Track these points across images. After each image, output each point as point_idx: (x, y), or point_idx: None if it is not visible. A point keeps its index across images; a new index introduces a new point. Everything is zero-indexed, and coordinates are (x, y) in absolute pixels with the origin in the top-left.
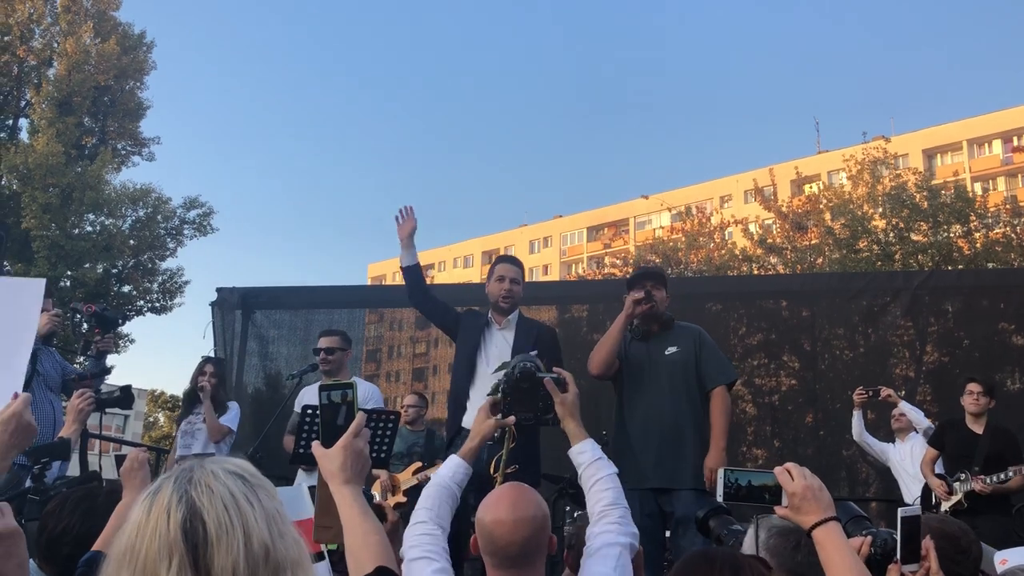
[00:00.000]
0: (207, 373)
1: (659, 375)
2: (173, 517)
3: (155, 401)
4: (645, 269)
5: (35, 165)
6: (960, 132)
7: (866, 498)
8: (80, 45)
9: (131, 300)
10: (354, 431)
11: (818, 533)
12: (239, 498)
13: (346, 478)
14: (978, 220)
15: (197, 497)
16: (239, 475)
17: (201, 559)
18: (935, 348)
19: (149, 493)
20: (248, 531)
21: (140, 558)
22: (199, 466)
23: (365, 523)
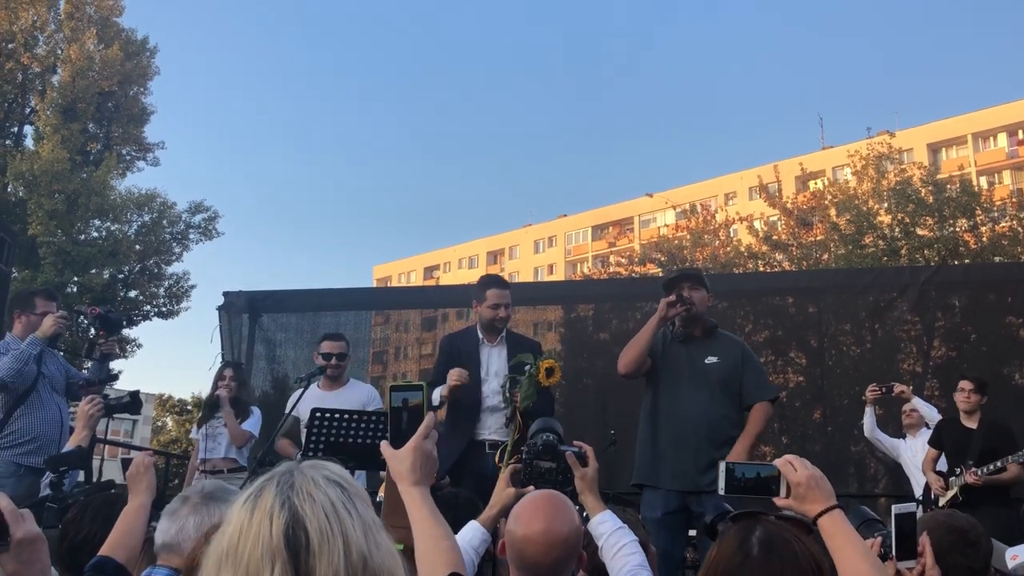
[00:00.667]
0: (226, 378)
1: (698, 381)
2: (276, 523)
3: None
4: (682, 270)
5: (41, 172)
6: (965, 126)
7: (875, 494)
8: (84, 51)
9: (138, 305)
10: (424, 433)
11: (824, 521)
12: (339, 507)
13: (415, 479)
14: (984, 214)
15: (300, 505)
16: (338, 483)
17: (303, 567)
18: (942, 343)
19: (251, 496)
20: (348, 541)
21: (243, 561)
22: (299, 472)
23: (436, 527)
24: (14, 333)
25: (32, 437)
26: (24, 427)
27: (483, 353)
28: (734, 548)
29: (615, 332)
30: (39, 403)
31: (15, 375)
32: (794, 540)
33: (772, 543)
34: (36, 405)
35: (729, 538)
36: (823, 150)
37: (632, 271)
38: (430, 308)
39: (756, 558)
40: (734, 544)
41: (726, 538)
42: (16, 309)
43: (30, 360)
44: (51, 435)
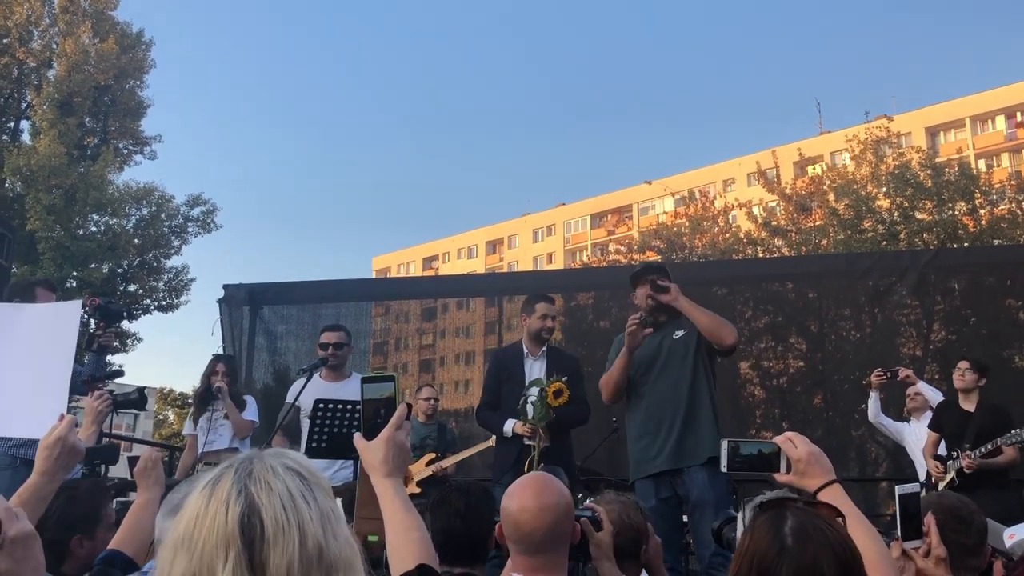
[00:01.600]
0: (219, 372)
1: (671, 360)
2: (231, 511)
3: (165, 399)
4: (648, 264)
5: (38, 167)
6: (963, 109)
7: (876, 478)
8: (79, 45)
9: (138, 299)
10: (395, 424)
11: (824, 495)
12: (296, 497)
13: (388, 471)
14: (983, 197)
15: (256, 493)
16: (297, 472)
17: (257, 556)
18: (942, 326)
19: (209, 482)
20: (304, 530)
21: (197, 548)
22: (259, 460)
23: (407, 518)
24: None
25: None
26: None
27: (526, 366)
28: (768, 539)
29: (615, 320)
30: None
31: None
32: (826, 527)
33: (806, 531)
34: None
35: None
36: (821, 135)
37: (631, 259)
38: (430, 298)
39: (791, 548)
40: (768, 535)
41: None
42: (16, 300)
43: None
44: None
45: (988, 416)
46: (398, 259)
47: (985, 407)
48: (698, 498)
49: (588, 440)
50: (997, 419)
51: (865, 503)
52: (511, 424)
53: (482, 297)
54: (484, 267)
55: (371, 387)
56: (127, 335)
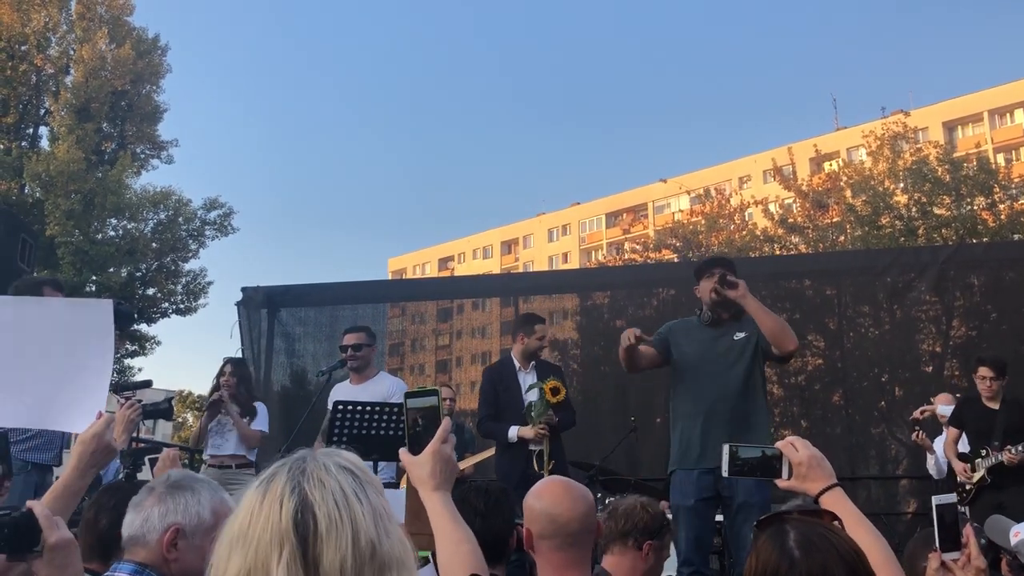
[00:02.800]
0: (225, 374)
1: (729, 360)
2: (285, 507)
3: (183, 402)
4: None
5: (57, 172)
6: (981, 103)
7: (896, 476)
8: (96, 51)
9: (156, 302)
10: (441, 437)
11: (826, 499)
12: (349, 494)
13: (435, 484)
14: (1002, 191)
15: (309, 490)
16: (350, 470)
17: (310, 552)
18: (962, 322)
19: (263, 481)
20: (356, 527)
21: (253, 544)
22: (312, 458)
23: (457, 530)
24: None
25: (37, 432)
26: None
27: (520, 378)
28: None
29: (631, 319)
30: None
31: None
32: (828, 533)
33: (811, 541)
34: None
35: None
36: (837, 131)
37: (647, 257)
38: (446, 299)
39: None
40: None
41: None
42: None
43: None
44: (56, 431)
45: (1013, 412)
46: (414, 260)
47: (1010, 403)
48: (745, 500)
49: (606, 440)
50: (1022, 415)
51: (885, 501)
52: (515, 430)
53: (497, 297)
54: (499, 267)
55: (414, 400)
56: (146, 338)
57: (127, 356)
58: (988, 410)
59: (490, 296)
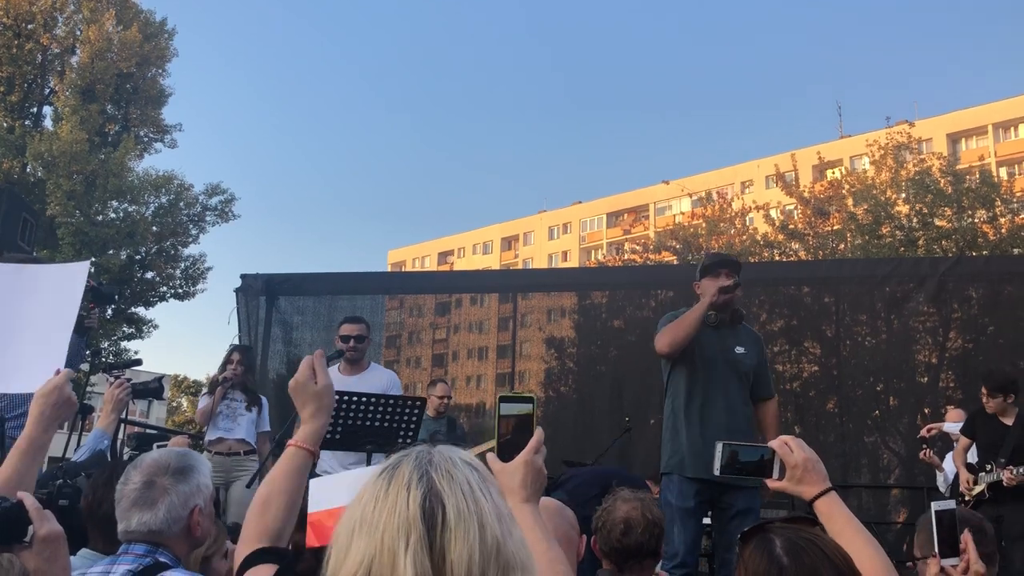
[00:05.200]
0: (234, 362)
1: (732, 372)
2: (413, 495)
3: (178, 386)
4: (722, 256)
5: (59, 152)
6: (985, 116)
7: (887, 485)
8: (102, 33)
9: (154, 286)
10: (534, 447)
11: (821, 504)
12: (476, 489)
13: (526, 496)
14: (1003, 205)
15: (438, 479)
16: (474, 467)
17: (437, 542)
18: (959, 335)
19: (387, 468)
20: (483, 523)
21: (379, 531)
22: (438, 451)
23: (549, 549)
24: None
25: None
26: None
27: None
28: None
29: (629, 320)
30: None
31: None
32: (814, 537)
33: (798, 546)
34: None
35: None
36: (841, 139)
37: (647, 259)
38: (444, 293)
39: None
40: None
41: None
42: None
43: None
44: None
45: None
46: (413, 253)
47: (1023, 421)
48: (745, 506)
49: (601, 439)
50: None
51: (876, 510)
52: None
53: (496, 293)
54: (499, 263)
55: (508, 406)
56: (143, 322)
57: (123, 339)
58: (1002, 425)
59: (489, 292)
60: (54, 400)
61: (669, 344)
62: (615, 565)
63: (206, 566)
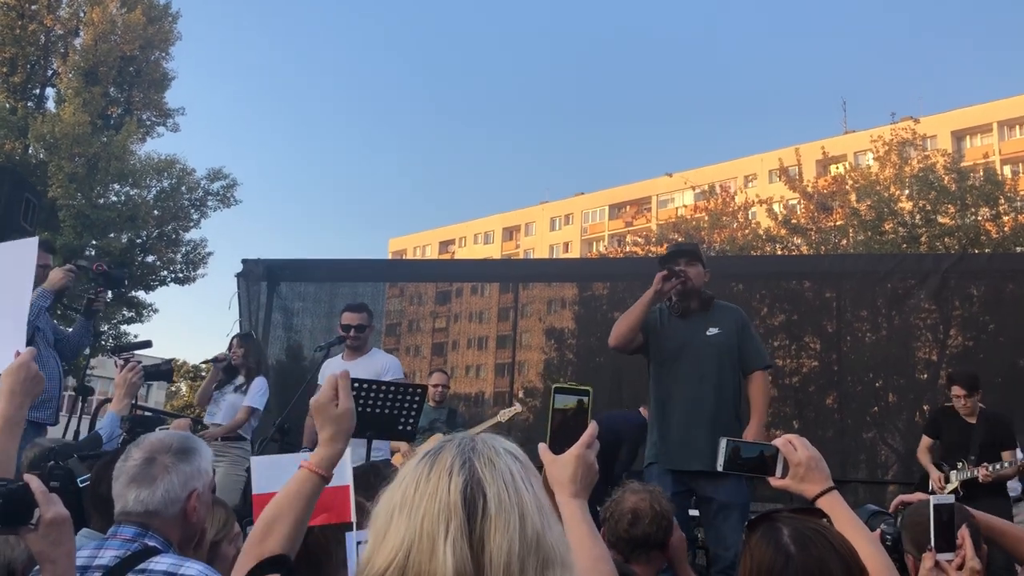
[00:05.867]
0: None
1: (702, 357)
2: (455, 481)
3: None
4: (678, 246)
5: (62, 134)
6: (991, 114)
7: (884, 481)
8: (106, 15)
9: (155, 270)
10: (586, 441)
11: (823, 503)
12: (518, 479)
13: (575, 491)
14: (1007, 203)
15: (480, 467)
16: (517, 458)
17: (476, 530)
18: (959, 332)
19: (429, 453)
20: (524, 514)
21: (419, 514)
22: (481, 439)
23: (595, 546)
24: None
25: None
26: None
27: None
28: (772, 553)
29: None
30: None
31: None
32: (821, 528)
33: (805, 537)
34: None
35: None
36: (845, 134)
37: (648, 251)
38: (445, 282)
39: (797, 556)
40: (769, 549)
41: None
42: None
43: (41, 313)
44: (52, 389)
45: (991, 426)
46: (414, 242)
47: (986, 417)
48: (726, 500)
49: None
50: (999, 429)
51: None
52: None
53: (497, 283)
54: (500, 253)
55: (562, 397)
56: (143, 306)
57: (123, 323)
58: (965, 424)
59: (489, 281)
60: (23, 376)
61: (615, 336)
62: (622, 555)
63: (214, 551)
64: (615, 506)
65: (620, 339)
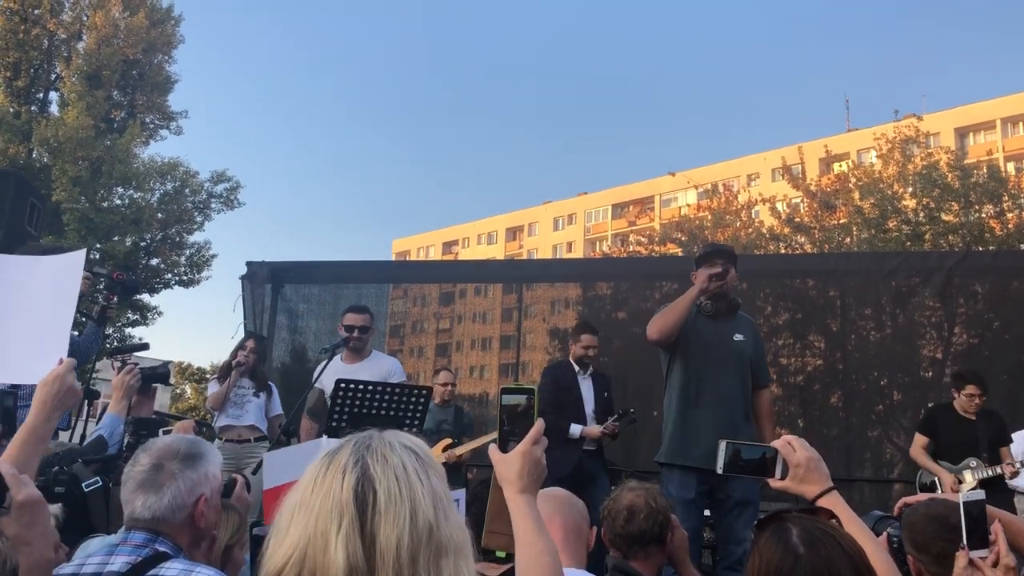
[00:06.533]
0: (247, 348)
1: (729, 359)
2: (347, 479)
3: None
4: (716, 246)
5: (65, 138)
6: (994, 110)
7: (890, 479)
8: (109, 18)
9: (159, 273)
10: (533, 438)
11: (822, 503)
12: (411, 473)
13: (522, 486)
14: (1011, 200)
15: (372, 464)
16: (414, 451)
17: (368, 525)
18: (964, 330)
19: (328, 453)
20: (415, 507)
21: (314, 512)
22: (378, 436)
23: (539, 540)
24: None
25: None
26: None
27: (578, 381)
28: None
29: (633, 311)
30: None
31: None
32: (830, 529)
33: (814, 537)
34: None
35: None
36: (849, 132)
37: (652, 250)
38: (449, 283)
39: (806, 556)
40: (778, 549)
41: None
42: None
43: None
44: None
45: (991, 422)
46: (418, 243)
47: (985, 413)
48: (743, 497)
49: None
50: (996, 425)
51: (879, 504)
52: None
53: (500, 284)
54: (503, 254)
55: (509, 396)
56: (148, 308)
57: (128, 325)
58: (966, 421)
59: (493, 282)
60: (56, 389)
61: (659, 330)
62: (620, 552)
63: (227, 555)
64: (612, 504)
65: (665, 332)
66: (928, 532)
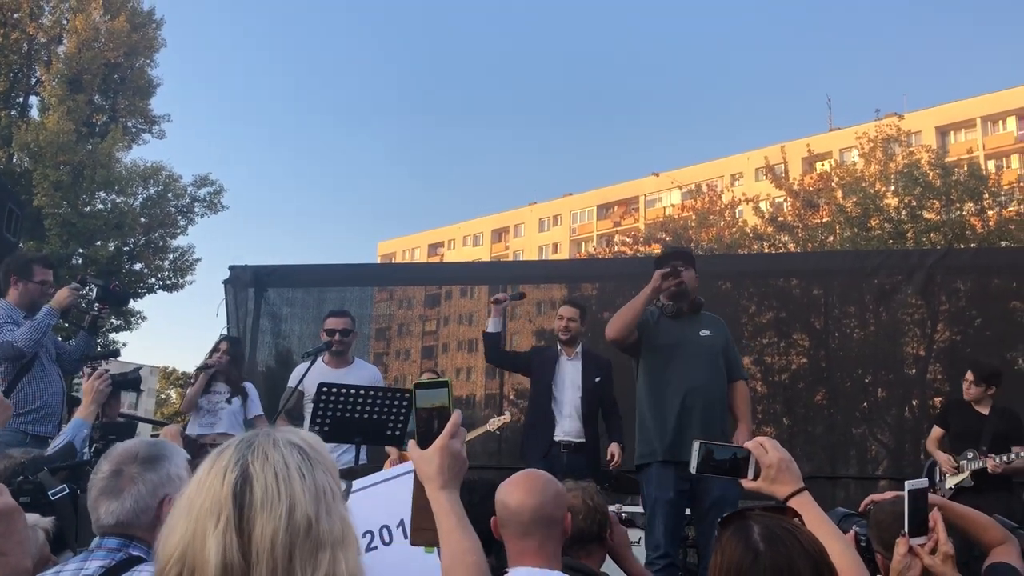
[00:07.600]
0: (220, 350)
1: (697, 353)
2: (227, 477)
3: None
4: (674, 248)
5: (46, 143)
6: (974, 109)
7: (875, 476)
8: (89, 22)
9: (142, 278)
10: (450, 431)
11: (793, 503)
12: (292, 469)
13: (443, 482)
14: (991, 198)
15: (251, 462)
16: (299, 447)
17: (244, 522)
18: (946, 327)
19: (214, 454)
20: (293, 502)
21: (195, 511)
22: (263, 434)
23: (463, 539)
24: (8, 299)
25: (39, 405)
26: (30, 395)
27: (559, 365)
28: (741, 550)
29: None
30: (42, 372)
31: (34, 345)
32: (792, 528)
33: (776, 535)
34: (40, 374)
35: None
36: (831, 131)
37: (637, 251)
38: (434, 285)
39: (765, 553)
40: (739, 546)
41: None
42: (12, 275)
43: (47, 331)
44: (55, 403)
45: (1002, 419)
46: (403, 245)
47: (998, 410)
48: (720, 496)
49: None
50: (1010, 422)
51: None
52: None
53: (486, 285)
54: (489, 255)
55: (424, 394)
56: (131, 313)
57: (112, 331)
58: (977, 414)
59: (479, 283)
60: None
61: (615, 328)
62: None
63: None
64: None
65: (619, 332)
66: (895, 530)
